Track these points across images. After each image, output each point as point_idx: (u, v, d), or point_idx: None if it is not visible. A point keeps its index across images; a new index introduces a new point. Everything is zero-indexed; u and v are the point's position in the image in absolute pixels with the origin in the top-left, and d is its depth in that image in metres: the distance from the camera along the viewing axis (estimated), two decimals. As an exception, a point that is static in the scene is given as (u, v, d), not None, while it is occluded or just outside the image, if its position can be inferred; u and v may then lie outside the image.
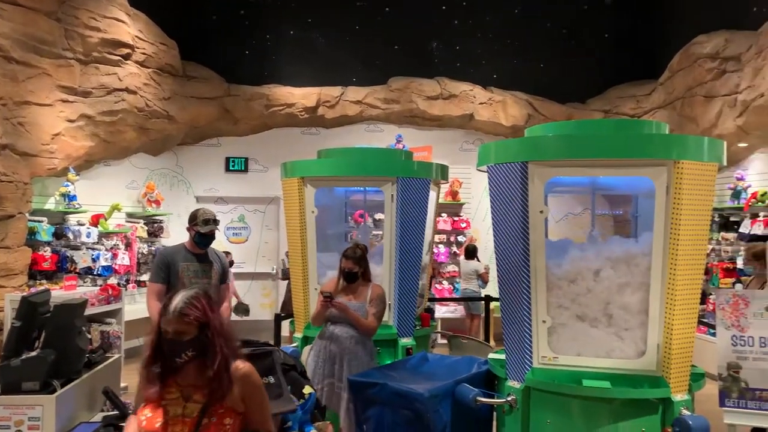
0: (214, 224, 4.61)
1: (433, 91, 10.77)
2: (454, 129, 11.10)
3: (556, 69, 10.91)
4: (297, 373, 3.65)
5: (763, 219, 7.76)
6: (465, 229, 10.83)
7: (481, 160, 4.13)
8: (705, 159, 3.59)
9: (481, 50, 10.92)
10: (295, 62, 10.69)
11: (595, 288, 3.79)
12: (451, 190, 10.72)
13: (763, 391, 3.83)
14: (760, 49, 7.67)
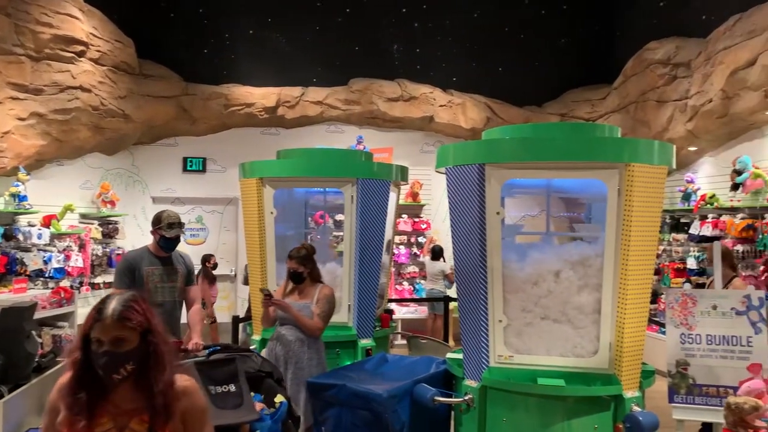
0: (179, 228, 4.51)
1: (393, 92, 10.81)
2: (415, 131, 11.16)
3: (514, 73, 11.07)
4: (273, 380, 3.59)
5: (711, 221, 8.02)
6: (425, 230, 10.91)
7: (440, 162, 4.17)
8: (655, 162, 3.69)
9: (441, 53, 11.02)
10: (254, 62, 10.59)
11: (551, 288, 3.86)
12: (411, 191, 10.78)
13: (709, 387, 3.97)
14: (708, 56, 7.94)
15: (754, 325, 3.94)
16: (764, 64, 6.78)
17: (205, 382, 3.19)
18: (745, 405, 2.59)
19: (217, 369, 3.36)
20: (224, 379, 3.32)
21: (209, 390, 3.20)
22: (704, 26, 8.28)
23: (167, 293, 4.45)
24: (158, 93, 9.95)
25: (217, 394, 3.23)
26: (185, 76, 10.34)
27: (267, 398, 3.49)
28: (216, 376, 3.31)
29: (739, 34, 7.41)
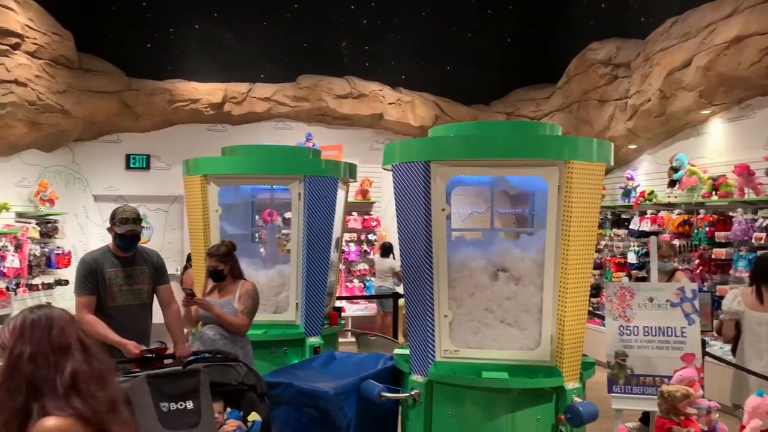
0: (134, 224, 4.09)
1: (342, 90, 10.79)
2: (364, 128, 11.17)
3: (462, 71, 11.20)
4: (256, 394, 3.31)
5: (650, 216, 8.31)
6: (376, 227, 10.93)
7: (386, 159, 4.19)
8: (594, 159, 3.80)
9: (390, 51, 11.05)
10: (200, 57, 10.39)
11: (494, 283, 3.93)
12: (361, 189, 10.78)
13: (646, 377, 4.11)
14: (647, 57, 8.21)
15: (688, 316, 4.10)
16: (698, 66, 7.06)
17: (156, 399, 2.88)
18: (677, 393, 2.70)
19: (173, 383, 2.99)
20: (181, 394, 2.95)
21: (160, 407, 2.87)
22: (643, 28, 8.57)
23: (132, 296, 4.16)
24: (99, 88, 9.65)
25: (169, 412, 2.88)
26: (128, 70, 10.06)
27: (245, 414, 3.22)
28: (171, 391, 2.96)
29: (675, 36, 7.69)
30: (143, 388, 2.87)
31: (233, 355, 3.54)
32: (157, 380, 2.97)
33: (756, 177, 6.69)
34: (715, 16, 7.08)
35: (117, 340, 3.88)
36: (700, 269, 7.27)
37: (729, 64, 6.68)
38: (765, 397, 2.72)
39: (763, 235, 6.43)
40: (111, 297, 4.08)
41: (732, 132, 7.45)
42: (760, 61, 6.37)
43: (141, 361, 3.59)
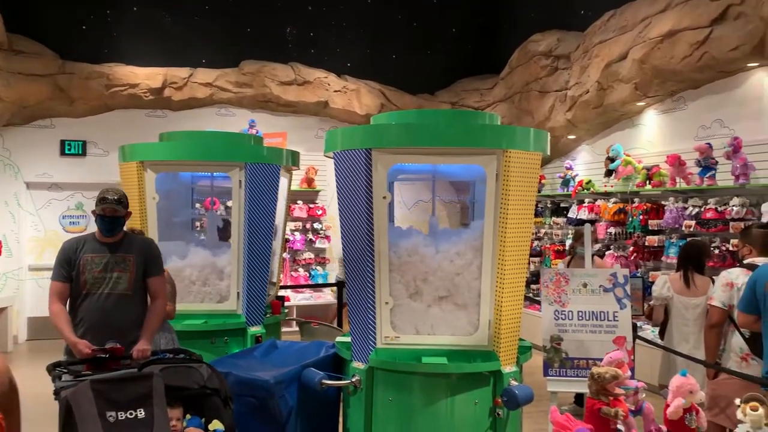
0: (112, 203, 3.76)
1: (287, 76, 10.65)
2: (310, 116, 11.07)
3: (408, 60, 11.24)
4: (221, 399, 3.10)
5: (587, 205, 8.55)
6: (321, 216, 10.88)
7: (328, 147, 4.17)
8: (531, 149, 3.87)
9: (335, 38, 10.98)
10: (138, 40, 10.07)
11: (435, 269, 3.97)
12: (306, 177, 10.70)
13: (580, 360, 4.24)
14: (586, 49, 8.41)
15: (620, 301, 4.25)
16: (634, 58, 7.27)
17: (101, 407, 2.63)
18: (606, 374, 2.78)
19: (122, 389, 2.71)
20: (131, 401, 2.69)
21: (106, 417, 2.61)
22: (583, 20, 8.77)
23: (111, 284, 3.80)
24: (31, 71, 9.23)
25: (116, 422, 2.62)
26: (62, 53, 9.65)
27: (209, 423, 2.99)
28: (119, 398, 2.68)
29: (613, 29, 7.90)
30: (87, 396, 2.63)
31: (197, 355, 3.31)
32: (104, 386, 2.72)
33: (687, 167, 6.96)
34: (650, 10, 7.30)
35: (68, 337, 3.67)
36: (634, 256, 7.53)
37: (662, 57, 6.91)
38: (688, 377, 2.83)
39: (692, 222, 6.70)
40: (83, 283, 3.78)
41: (665, 123, 7.72)
42: (691, 55, 6.61)
43: (94, 362, 3.35)
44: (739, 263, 4.24)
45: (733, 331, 4.05)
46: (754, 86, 6.51)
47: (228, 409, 3.09)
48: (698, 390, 2.81)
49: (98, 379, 2.78)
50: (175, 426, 2.90)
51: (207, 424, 2.98)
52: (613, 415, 2.72)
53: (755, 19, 5.87)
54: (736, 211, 6.21)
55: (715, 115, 6.96)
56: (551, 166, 9.89)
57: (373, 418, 3.81)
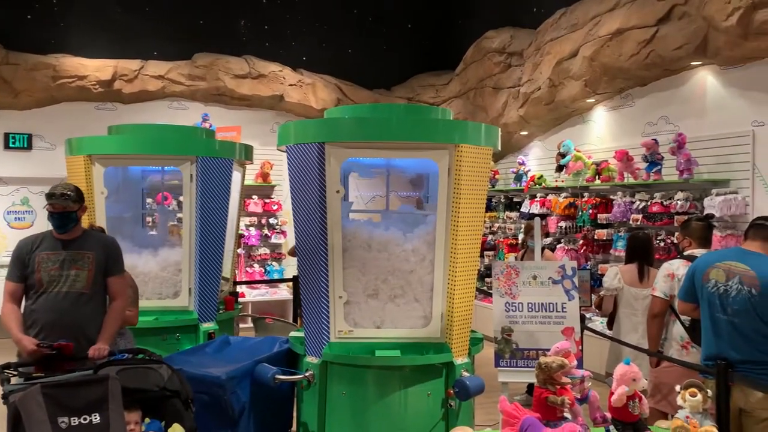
0: (59, 199, 3.59)
1: (241, 69, 10.51)
2: (265, 110, 10.96)
3: (364, 55, 11.23)
4: (181, 401, 3.00)
5: (539, 199, 8.71)
6: (276, 211, 10.79)
7: (281, 140, 4.15)
8: (482, 143, 3.93)
9: (291, 31, 10.89)
10: (87, 31, 9.78)
11: (388, 264, 3.99)
12: (261, 171, 10.60)
13: (530, 351, 4.33)
14: (538, 47, 8.56)
15: (568, 292, 4.35)
16: (584, 56, 7.43)
17: (53, 413, 2.51)
18: (552, 364, 2.84)
19: (75, 393, 2.58)
20: (85, 405, 2.56)
21: (57, 423, 2.49)
22: (535, 18, 8.91)
23: (68, 283, 3.64)
24: (-29, 61, 8.89)
25: (69, 428, 2.50)
26: (5, 43, 9.30)
27: (168, 426, 2.88)
28: (72, 403, 2.56)
29: (564, 27, 8.06)
30: (36, 401, 2.50)
31: (157, 356, 3.21)
32: (55, 390, 2.59)
33: (634, 162, 7.16)
34: (600, 8, 7.47)
35: (15, 335, 3.53)
36: (583, 249, 7.71)
37: (611, 55, 7.08)
38: (631, 366, 2.93)
39: (639, 216, 6.90)
40: (38, 282, 3.62)
41: (614, 120, 7.92)
42: (638, 53, 6.79)
43: (45, 363, 3.22)
44: (680, 255, 4.40)
45: (674, 320, 4.20)
46: (698, 84, 6.73)
47: (189, 411, 3.01)
48: (641, 378, 2.91)
49: (50, 383, 2.66)
50: (132, 430, 2.81)
51: (167, 428, 2.89)
52: (559, 404, 2.78)
53: (698, 19, 6.07)
54: (680, 205, 6.42)
55: (661, 112, 7.18)
56: (504, 162, 10.04)
57: (327, 412, 3.82)
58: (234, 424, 3.77)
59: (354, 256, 3.97)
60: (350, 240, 3.99)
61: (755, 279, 3.21)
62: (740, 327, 3.26)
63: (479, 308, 8.68)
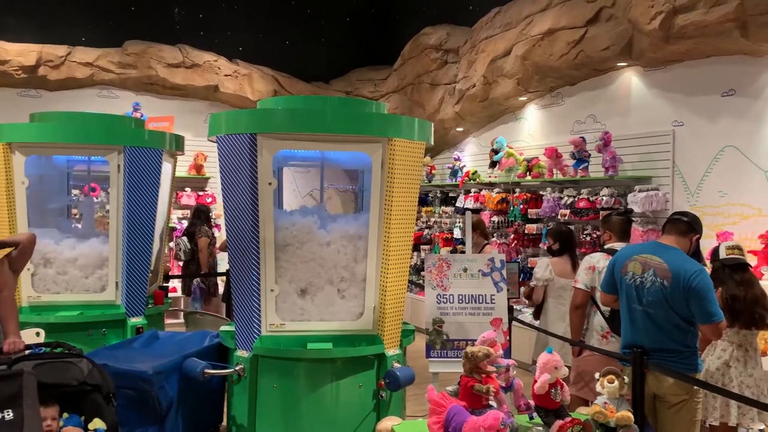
0: None
1: (174, 58, 10.24)
2: (199, 100, 10.72)
3: (302, 47, 11.14)
4: (102, 396, 2.92)
5: (474, 194, 8.88)
6: (211, 204, 10.58)
7: (212, 131, 4.09)
8: (415, 138, 3.98)
9: (226, 21, 10.69)
10: (9, 14, 9.30)
11: (320, 256, 3.99)
12: (195, 163, 10.38)
13: (460, 341, 4.42)
14: (473, 44, 8.70)
15: (497, 284, 4.47)
16: (517, 55, 7.61)
17: None
18: (478, 353, 2.92)
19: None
20: None
21: None
22: (471, 16, 9.06)
23: None
24: None
25: None
26: None
27: (89, 421, 2.82)
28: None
29: (498, 25, 8.22)
30: None
31: (77, 349, 3.10)
32: None
33: (563, 159, 7.39)
34: (532, 8, 7.66)
35: None
36: (515, 243, 7.92)
37: (542, 54, 7.28)
38: (554, 354, 3.04)
39: (567, 211, 7.14)
40: None
41: (544, 118, 8.15)
42: (568, 53, 7.00)
43: None
44: (601, 248, 4.58)
45: (595, 311, 4.37)
46: (623, 84, 7.01)
47: (111, 406, 2.95)
48: (563, 366, 3.02)
49: None
50: (49, 426, 2.73)
51: (87, 423, 2.82)
52: (484, 392, 2.87)
53: (624, 21, 6.31)
54: (605, 201, 6.68)
55: (589, 111, 7.44)
56: (441, 157, 10.18)
57: (258, 406, 3.81)
58: (161, 420, 3.70)
59: (286, 249, 3.95)
60: (282, 233, 3.97)
61: (668, 271, 3.38)
62: (654, 317, 3.43)
63: (414, 301, 8.78)
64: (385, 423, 3.25)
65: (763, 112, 5.64)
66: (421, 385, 4.34)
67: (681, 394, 3.40)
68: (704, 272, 3.39)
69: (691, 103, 6.25)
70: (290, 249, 3.97)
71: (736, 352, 3.93)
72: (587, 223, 7.00)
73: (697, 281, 3.30)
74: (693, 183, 6.20)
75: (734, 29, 5.30)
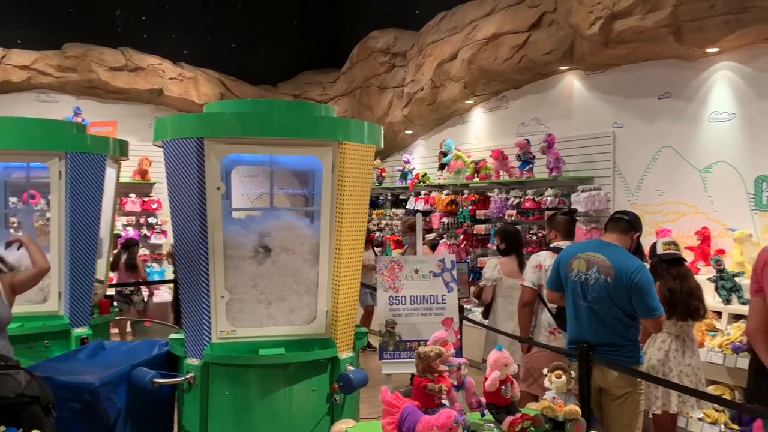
0: None
1: (116, 61, 10.00)
2: (143, 104, 10.50)
3: (249, 50, 11.05)
4: (41, 408, 2.86)
5: (423, 196, 8.97)
6: (156, 210, 10.37)
7: (157, 135, 4.01)
8: (365, 141, 3.99)
9: (171, 23, 10.50)
10: (-63, 14, 8.93)
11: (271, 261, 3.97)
12: (140, 169, 10.15)
13: (412, 342, 4.46)
14: (420, 48, 8.80)
15: (447, 284, 4.53)
16: (463, 59, 7.74)
17: None
18: (430, 353, 2.96)
19: None
20: None
21: None
22: (417, 20, 9.16)
23: None
24: None
25: None
26: None
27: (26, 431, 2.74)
28: None
29: (445, 30, 8.34)
30: None
31: (14, 361, 3.03)
32: None
33: (509, 161, 7.56)
34: (477, 13, 7.81)
35: None
36: (464, 243, 8.04)
37: (487, 58, 7.43)
38: (503, 351, 3.10)
39: (513, 212, 7.30)
40: None
41: (490, 120, 8.31)
42: (512, 57, 7.17)
43: None
44: (547, 247, 4.71)
45: (543, 308, 4.49)
46: (565, 88, 7.22)
47: (50, 417, 2.91)
48: (512, 362, 3.09)
49: None
50: None
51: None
52: (437, 391, 2.90)
53: (565, 26, 6.50)
54: (550, 201, 6.86)
55: (533, 114, 7.62)
56: (391, 160, 10.25)
57: (209, 414, 3.74)
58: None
59: (236, 254, 3.91)
60: (232, 238, 3.92)
61: (611, 268, 3.50)
62: (598, 313, 3.54)
63: (366, 304, 8.80)
64: (339, 426, 3.26)
65: (697, 113, 5.90)
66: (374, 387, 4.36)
67: (625, 386, 3.52)
68: (645, 269, 3.52)
69: (630, 105, 6.48)
70: (240, 254, 3.92)
71: (674, 344, 4.10)
72: (533, 222, 7.17)
73: (639, 277, 3.43)
74: (633, 182, 6.43)
75: (668, 34, 5.53)
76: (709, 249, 5.65)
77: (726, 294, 4.99)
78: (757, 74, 5.45)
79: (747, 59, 5.51)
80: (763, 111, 5.42)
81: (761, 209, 5.42)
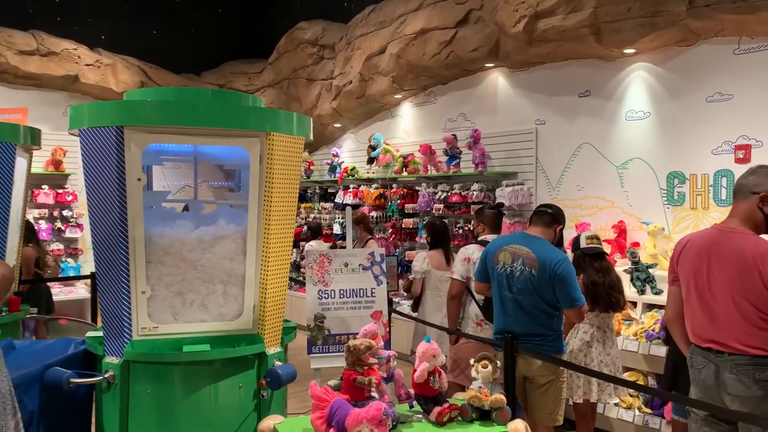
0: None
1: (27, 45, 9.43)
2: (56, 91, 9.95)
3: (171, 38, 10.68)
4: None
5: (353, 190, 8.96)
6: (71, 202, 9.87)
7: (73, 123, 3.80)
8: (294, 133, 3.92)
9: (86, 7, 10.01)
10: None
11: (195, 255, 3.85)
12: (53, 159, 9.62)
13: (342, 336, 4.45)
14: (349, 41, 8.76)
15: (377, 278, 4.54)
16: (392, 53, 7.76)
17: None
18: (360, 346, 2.96)
19: None
20: None
21: None
22: (346, 12, 9.11)
23: None
24: None
25: None
26: None
27: None
28: None
29: (374, 23, 8.34)
30: None
31: None
32: None
33: (436, 156, 7.65)
34: (406, 8, 7.84)
35: None
36: (393, 237, 8.09)
37: (416, 53, 7.48)
38: (432, 343, 3.13)
39: (441, 206, 7.40)
40: None
41: (419, 115, 8.38)
42: (439, 53, 7.25)
43: None
44: (475, 240, 4.80)
45: (470, 300, 4.58)
46: (491, 85, 7.36)
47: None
48: (440, 354, 3.12)
49: None
50: None
51: None
52: (367, 384, 2.90)
53: (491, 24, 6.63)
54: (476, 195, 6.99)
55: (460, 109, 7.74)
56: (319, 153, 10.17)
57: (130, 415, 3.59)
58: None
59: (158, 248, 3.76)
60: (154, 231, 3.77)
61: (535, 261, 3.60)
62: (523, 304, 3.64)
63: (294, 298, 8.71)
64: (266, 422, 3.21)
65: (614, 111, 6.15)
66: (303, 382, 4.32)
67: (548, 374, 3.64)
68: (567, 261, 3.65)
69: (552, 103, 6.69)
70: (162, 248, 3.78)
71: (596, 334, 4.27)
72: (459, 216, 7.29)
73: (562, 269, 3.55)
74: (554, 178, 6.65)
75: (589, 35, 5.74)
76: (626, 242, 5.92)
77: (641, 285, 5.25)
78: (670, 75, 5.74)
79: (661, 60, 5.79)
80: (675, 110, 5.72)
81: (673, 204, 5.72)
